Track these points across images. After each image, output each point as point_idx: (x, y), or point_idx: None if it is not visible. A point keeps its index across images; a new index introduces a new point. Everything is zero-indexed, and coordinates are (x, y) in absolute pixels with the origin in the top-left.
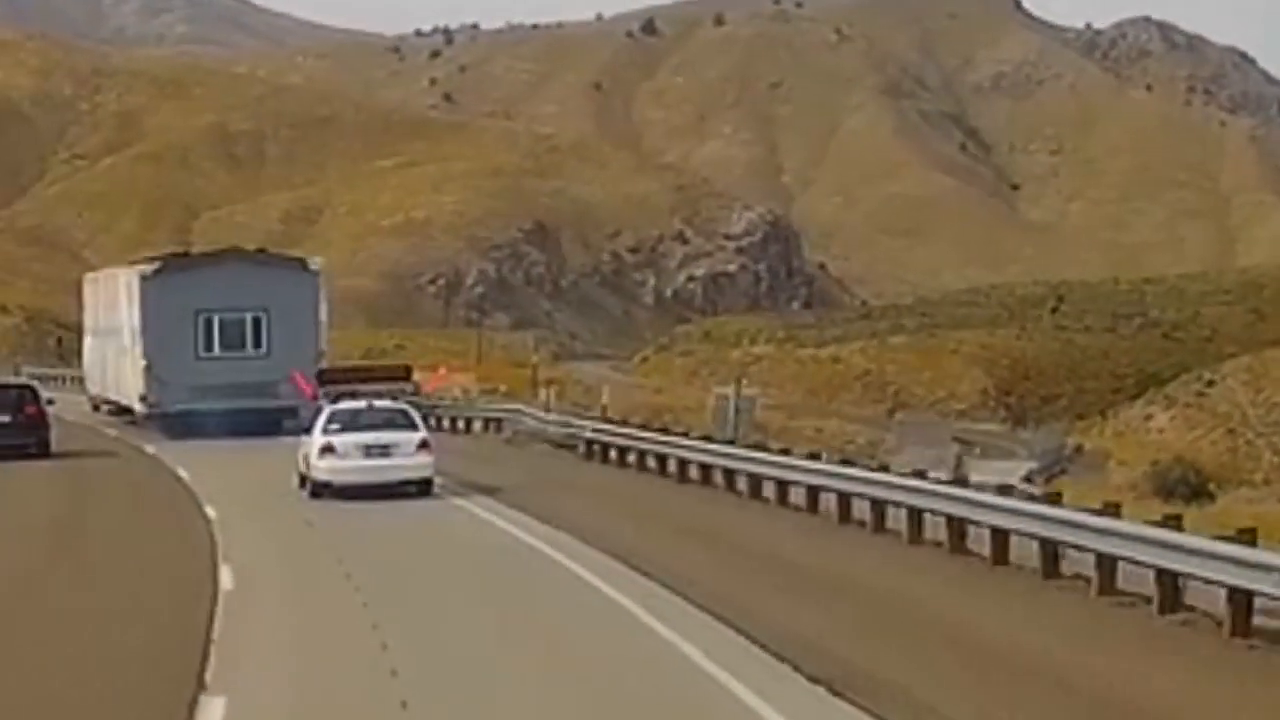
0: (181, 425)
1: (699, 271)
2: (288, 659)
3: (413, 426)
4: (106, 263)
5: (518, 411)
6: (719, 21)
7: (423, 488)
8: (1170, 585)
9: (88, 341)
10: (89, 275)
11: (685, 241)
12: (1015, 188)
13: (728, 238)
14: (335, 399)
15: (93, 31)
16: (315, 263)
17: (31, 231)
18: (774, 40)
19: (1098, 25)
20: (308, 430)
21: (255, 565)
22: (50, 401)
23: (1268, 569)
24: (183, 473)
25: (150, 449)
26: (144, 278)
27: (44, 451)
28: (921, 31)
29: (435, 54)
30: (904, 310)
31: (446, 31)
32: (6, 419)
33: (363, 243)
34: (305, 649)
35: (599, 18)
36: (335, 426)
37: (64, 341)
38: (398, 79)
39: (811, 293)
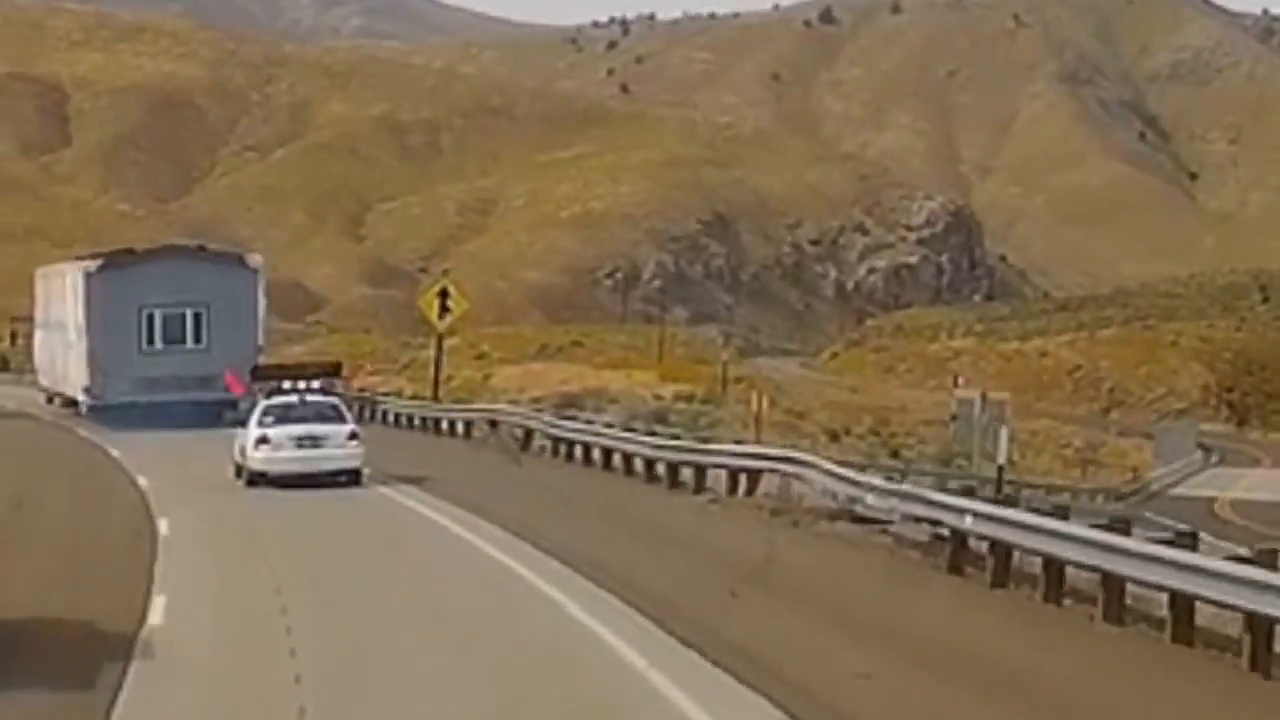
0: (124, 416)
1: (880, 263)
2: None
3: (342, 419)
4: (276, 257)
5: (789, 461)
6: (896, 9)
7: (352, 477)
8: None
9: (37, 336)
10: (40, 270)
11: (866, 233)
12: (1194, 176)
13: (909, 228)
14: (268, 394)
15: (269, 25)
16: (255, 259)
17: (201, 224)
18: (951, 28)
19: (1275, 11)
20: (243, 423)
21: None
22: None
23: None
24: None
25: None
26: (89, 274)
27: None
28: (1099, 18)
29: (612, 45)
30: (1104, 301)
31: (623, 22)
32: None
33: (539, 235)
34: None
35: (776, 7)
36: (270, 419)
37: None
38: (575, 70)
39: (993, 284)
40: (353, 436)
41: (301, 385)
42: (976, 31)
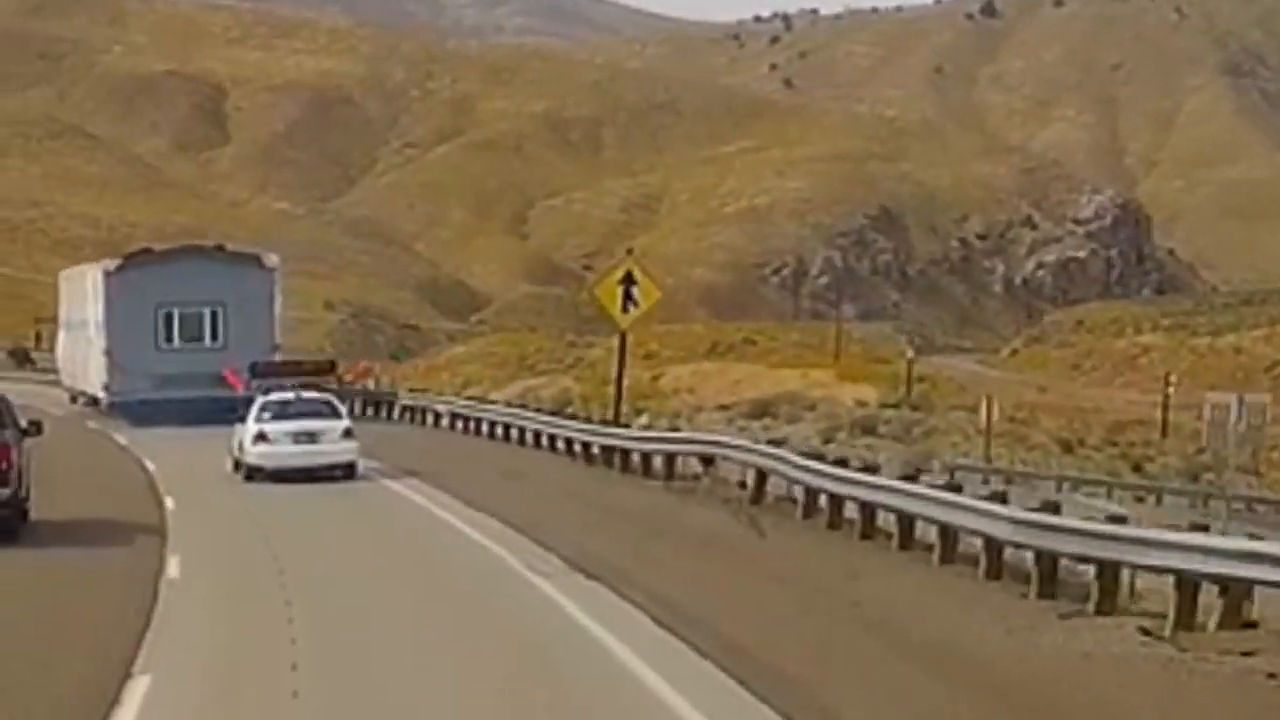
0: (142, 413)
1: (1049, 258)
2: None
3: (337, 415)
4: (439, 256)
5: None
6: (1058, 3)
7: (347, 471)
8: None
9: (60, 336)
10: (64, 272)
11: (1034, 227)
12: None
13: (1077, 222)
14: (266, 391)
15: (431, 24)
16: (272, 259)
17: (361, 223)
18: (1113, 21)
19: None
20: (241, 419)
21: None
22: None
23: None
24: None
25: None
26: (107, 273)
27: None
28: (1261, 10)
29: (774, 40)
30: None
31: (785, 17)
32: None
33: (704, 230)
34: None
35: (938, 1)
36: (267, 415)
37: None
38: (737, 65)
39: (1163, 279)
40: (347, 433)
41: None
42: (1139, 24)
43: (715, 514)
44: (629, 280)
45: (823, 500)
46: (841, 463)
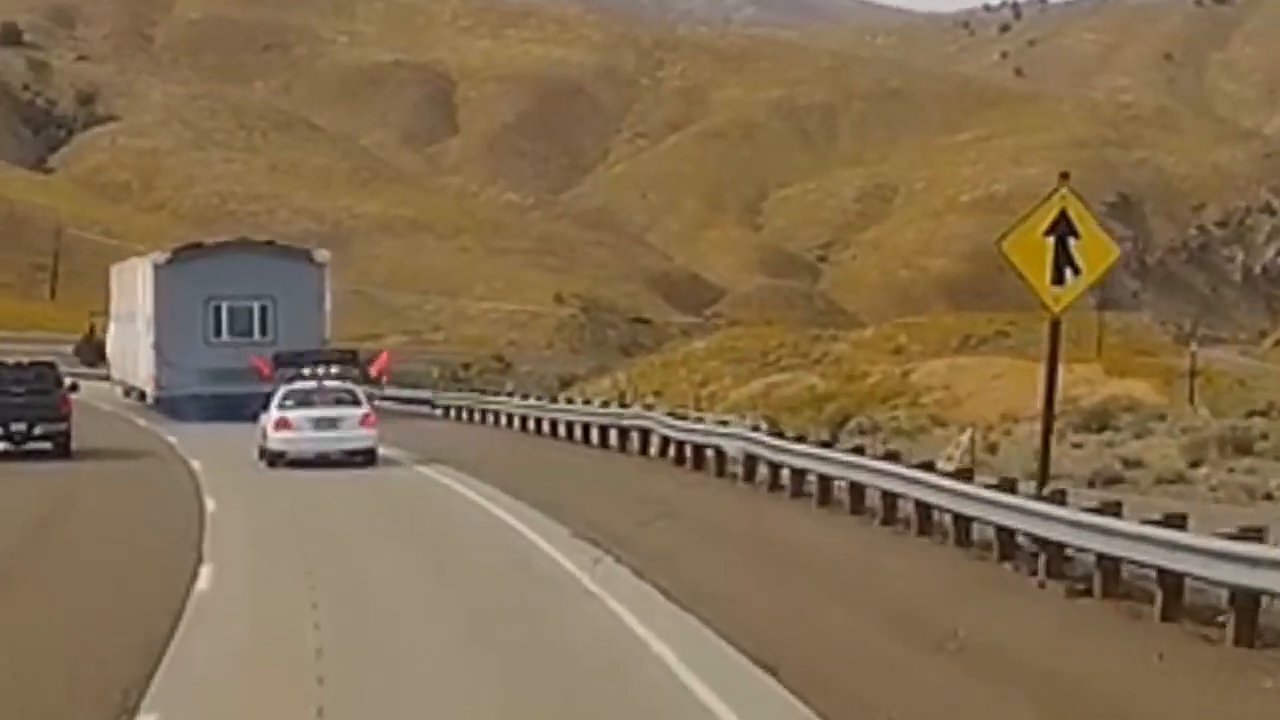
0: (189, 408)
1: None
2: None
3: (357, 403)
4: (671, 247)
5: None
6: None
7: (367, 457)
8: None
9: (111, 329)
10: (115, 266)
11: (1273, 213)
12: None
13: None
14: (290, 379)
15: (660, 17)
16: (322, 255)
17: (593, 214)
18: None
19: None
20: (265, 407)
21: None
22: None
23: None
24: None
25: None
26: (157, 266)
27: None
28: None
29: (1004, 28)
30: None
31: (1015, 5)
32: None
33: (941, 220)
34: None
35: None
36: (289, 403)
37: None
38: (966, 54)
39: None
40: (366, 419)
41: (320, 370)
42: None
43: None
44: (1065, 227)
45: None
46: None
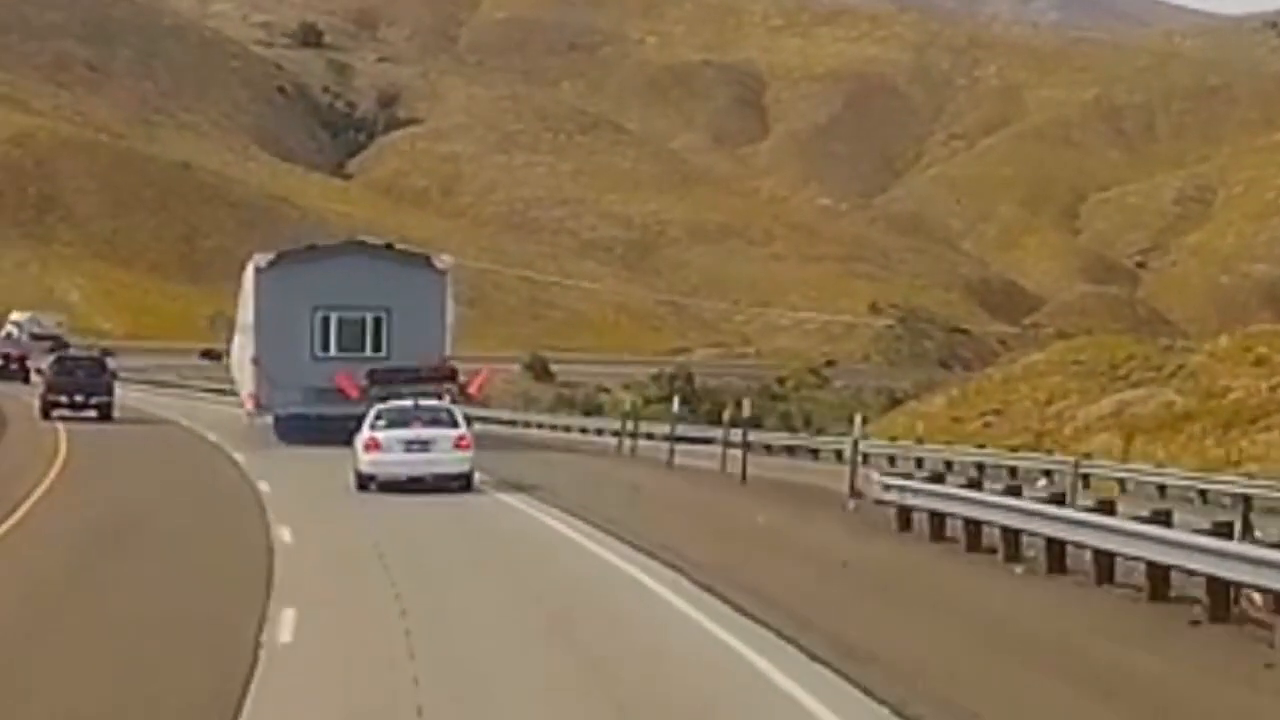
0: (290, 429)
1: None
2: None
3: (453, 424)
4: (987, 253)
5: None
6: None
7: (462, 482)
8: None
9: (235, 340)
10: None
11: None
12: None
13: None
14: (384, 399)
15: (967, 19)
16: (444, 261)
17: (907, 219)
18: None
19: None
20: (358, 428)
21: None
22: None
23: None
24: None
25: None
26: (259, 269)
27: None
28: None
29: None
30: None
31: None
32: None
33: (1264, 224)
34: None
35: None
36: (382, 423)
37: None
38: (1277, 55)
39: None
40: (461, 441)
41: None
42: None
43: None
44: None
45: None
46: None
